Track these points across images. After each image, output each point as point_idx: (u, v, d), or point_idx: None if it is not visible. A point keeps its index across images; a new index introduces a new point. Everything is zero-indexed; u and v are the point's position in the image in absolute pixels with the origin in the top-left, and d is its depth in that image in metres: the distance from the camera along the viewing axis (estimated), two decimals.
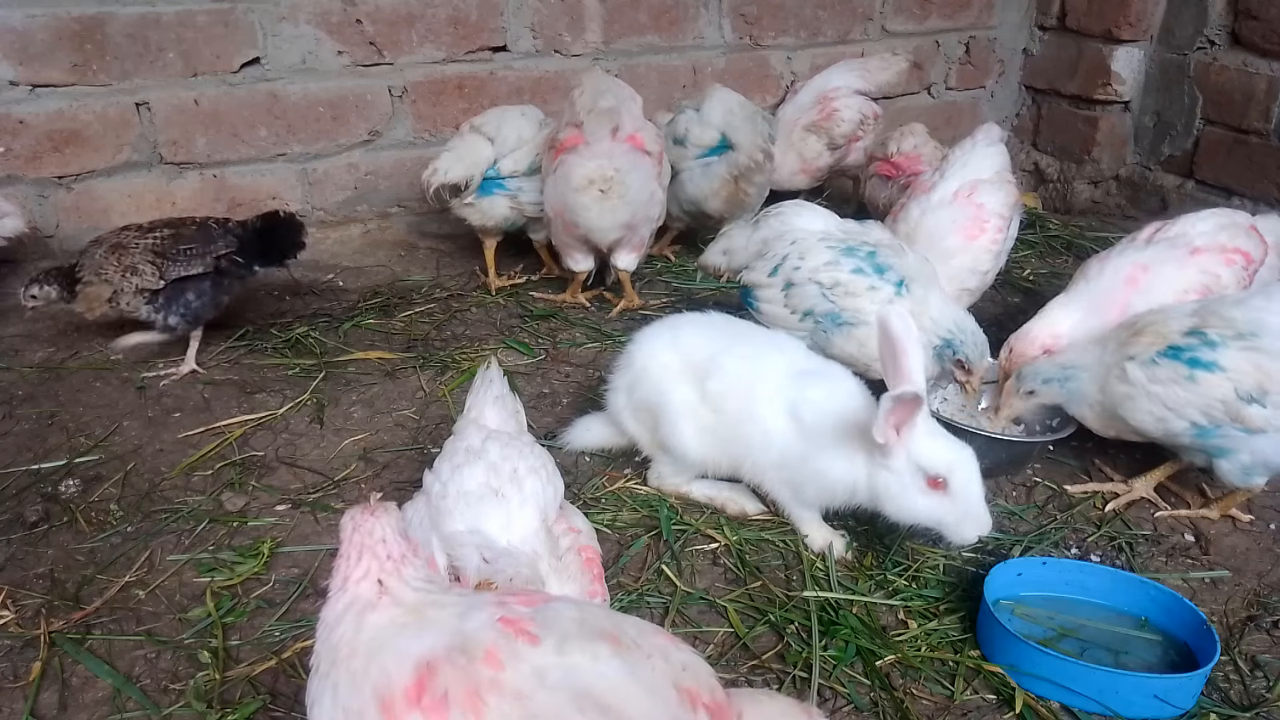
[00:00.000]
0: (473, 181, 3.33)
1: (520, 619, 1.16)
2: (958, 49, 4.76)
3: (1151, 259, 2.71)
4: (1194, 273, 2.66)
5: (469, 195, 3.37)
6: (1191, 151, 4.30)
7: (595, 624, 1.19)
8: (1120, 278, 2.70)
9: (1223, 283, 2.64)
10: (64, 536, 2.25)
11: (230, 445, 2.60)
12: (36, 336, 3.12)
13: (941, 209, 2.97)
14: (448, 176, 3.30)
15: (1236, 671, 1.99)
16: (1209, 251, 2.69)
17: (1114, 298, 2.67)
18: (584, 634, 1.15)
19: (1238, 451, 2.25)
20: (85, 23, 3.29)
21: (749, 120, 3.40)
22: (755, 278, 2.68)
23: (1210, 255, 2.69)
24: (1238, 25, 4.04)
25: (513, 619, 1.16)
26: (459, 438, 1.80)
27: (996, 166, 3.07)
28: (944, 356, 2.57)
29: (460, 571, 1.54)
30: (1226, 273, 2.66)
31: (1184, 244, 2.72)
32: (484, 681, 1.09)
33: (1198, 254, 2.69)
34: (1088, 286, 2.73)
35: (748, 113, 3.41)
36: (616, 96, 3.03)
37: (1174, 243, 2.74)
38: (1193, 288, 2.64)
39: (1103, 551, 2.34)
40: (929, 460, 1.98)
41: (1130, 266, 2.71)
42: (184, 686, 1.86)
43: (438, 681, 1.10)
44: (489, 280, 3.54)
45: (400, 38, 3.71)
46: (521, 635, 1.14)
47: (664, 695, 1.16)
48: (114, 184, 3.52)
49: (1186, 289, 2.64)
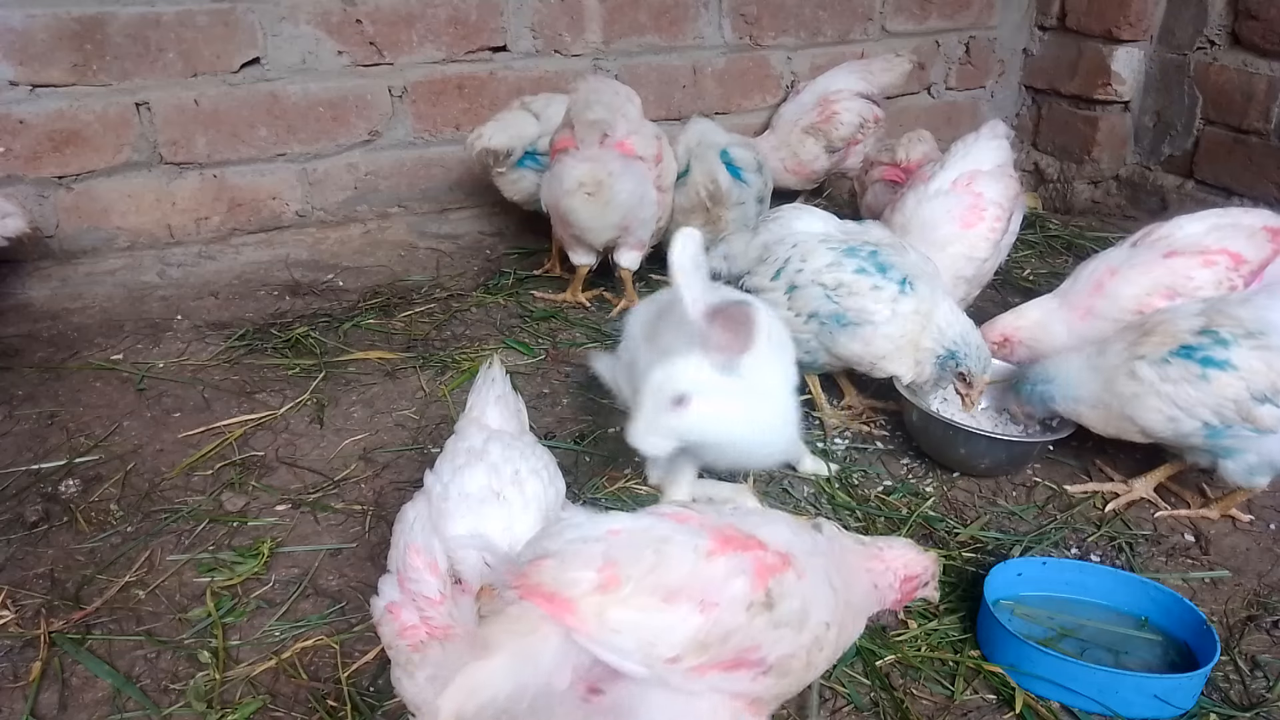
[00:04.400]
0: (514, 153, 3.48)
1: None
2: (958, 49, 4.76)
3: (1122, 262, 2.75)
4: (1161, 274, 2.67)
5: (505, 165, 3.52)
6: (1191, 151, 4.30)
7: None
8: (1091, 281, 2.76)
9: (1195, 285, 2.64)
10: (64, 536, 2.25)
11: (230, 445, 2.60)
12: (36, 336, 3.12)
13: (938, 198, 2.96)
14: (491, 142, 3.44)
15: (1236, 671, 1.99)
16: (1185, 255, 2.69)
17: (1080, 300, 2.75)
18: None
19: (1245, 452, 2.25)
20: (85, 23, 3.29)
21: (706, 152, 3.38)
22: (758, 283, 2.68)
23: (1185, 259, 2.69)
24: (1238, 25, 4.04)
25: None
26: (460, 438, 1.79)
27: (998, 160, 3.06)
28: (946, 366, 2.58)
29: (462, 575, 1.54)
30: (1203, 275, 2.66)
31: (1163, 247, 2.73)
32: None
33: (1171, 257, 2.70)
34: (1065, 287, 2.82)
35: (707, 145, 3.40)
36: (608, 106, 3.04)
37: (1155, 245, 2.75)
38: (1156, 290, 2.65)
39: (1103, 551, 2.34)
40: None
41: (1103, 269, 2.76)
42: (184, 686, 1.86)
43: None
44: (572, 294, 3.51)
45: (400, 38, 3.71)
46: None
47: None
48: (114, 184, 3.52)
49: (1149, 291, 2.65)
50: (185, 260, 3.64)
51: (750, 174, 3.41)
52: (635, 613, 1.25)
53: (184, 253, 3.66)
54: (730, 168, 3.35)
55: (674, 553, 1.29)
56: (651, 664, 1.26)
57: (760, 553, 1.35)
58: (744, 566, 1.32)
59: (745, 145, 3.50)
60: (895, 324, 2.53)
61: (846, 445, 2.73)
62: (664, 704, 1.29)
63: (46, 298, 3.37)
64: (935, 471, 2.62)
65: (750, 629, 1.30)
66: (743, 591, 1.31)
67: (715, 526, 1.37)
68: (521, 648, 1.23)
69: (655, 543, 1.30)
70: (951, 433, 2.55)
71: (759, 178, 3.47)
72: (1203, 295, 2.55)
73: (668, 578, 1.27)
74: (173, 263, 3.61)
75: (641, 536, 1.31)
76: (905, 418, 2.73)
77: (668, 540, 1.31)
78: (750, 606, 1.30)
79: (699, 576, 1.29)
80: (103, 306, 3.34)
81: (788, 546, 1.41)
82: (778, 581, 1.34)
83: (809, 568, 1.41)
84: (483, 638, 1.25)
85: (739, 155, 3.40)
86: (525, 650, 1.23)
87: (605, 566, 1.26)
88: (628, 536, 1.31)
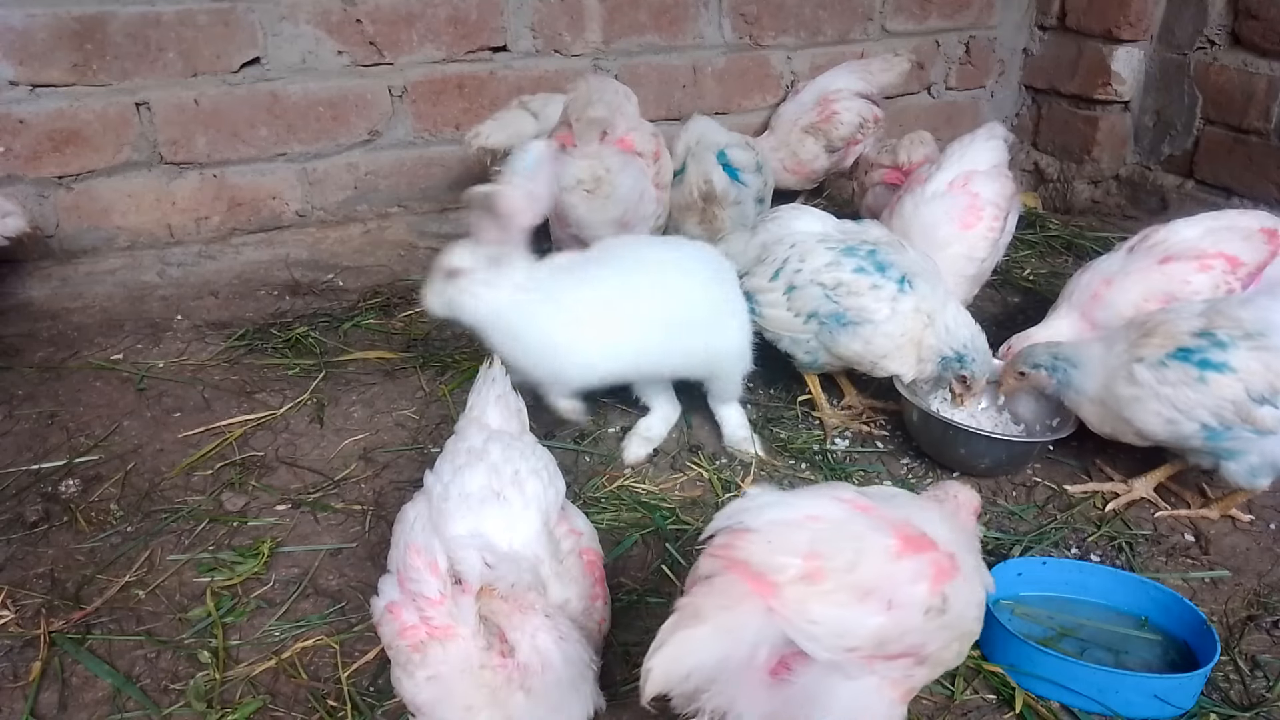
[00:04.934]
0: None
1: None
2: (958, 49, 4.76)
3: (1117, 270, 2.76)
4: (1156, 279, 2.68)
5: (503, 164, 3.46)
6: (1191, 151, 4.30)
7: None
8: (1089, 291, 2.77)
9: (1192, 289, 2.65)
10: (64, 536, 2.25)
11: (230, 445, 2.60)
12: (36, 336, 3.12)
13: (936, 200, 2.97)
14: (488, 141, 3.43)
15: (1236, 671, 1.99)
16: (1181, 260, 2.69)
17: (1086, 311, 2.76)
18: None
19: (1247, 453, 2.25)
20: (85, 22, 3.28)
21: (703, 152, 3.37)
22: (756, 283, 2.68)
23: (1181, 263, 2.69)
24: (1238, 25, 4.03)
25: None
26: (460, 438, 1.80)
27: (993, 160, 3.07)
28: (950, 367, 2.58)
29: (462, 575, 1.54)
30: (1200, 279, 2.66)
31: (1159, 252, 2.74)
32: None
33: (1167, 262, 2.70)
34: (1076, 298, 2.81)
35: (705, 145, 3.39)
36: (608, 105, 3.04)
37: (1150, 251, 2.76)
38: (1153, 296, 2.65)
39: (1103, 551, 2.34)
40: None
41: (1098, 279, 2.77)
42: (184, 686, 1.86)
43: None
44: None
45: (400, 37, 3.71)
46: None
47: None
48: (114, 184, 3.52)
49: (1146, 297, 2.66)
50: (185, 260, 3.64)
51: (748, 174, 3.40)
52: (833, 608, 1.35)
53: (184, 252, 3.65)
54: (728, 168, 3.34)
55: (869, 552, 1.40)
56: (835, 652, 1.36)
57: (934, 554, 1.45)
58: (924, 571, 1.43)
59: (744, 146, 3.49)
60: (895, 322, 2.54)
61: (846, 445, 2.73)
62: (838, 687, 1.40)
63: (46, 297, 3.37)
64: (935, 471, 2.62)
65: (923, 629, 1.42)
66: (922, 596, 1.41)
67: (895, 523, 1.47)
68: (728, 619, 1.31)
69: (853, 539, 1.42)
70: (951, 433, 2.55)
71: (757, 178, 3.46)
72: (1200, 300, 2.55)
73: (863, 577, 1.38)
74: (173, 262, 3.61)
75: (840, 530, 1.43)
76: (905, 418, 2.73)
77: (863, 538, 1.42)
78: (928, 611, 1.42)
79: (888, 578, 1.40)
80: (103, 306, 3.33)
81: (951, 544, 1.50)
82: (952, 587, 1.45)
83: (964, 564, 1.51)
84: (693, 606, 1.32)
85: (736, 156, 3.38)
86: (731, 622, 1.31)
87: (810, 556, 1.36)
88: (828, 528, 1.42)
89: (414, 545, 1.61)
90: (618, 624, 1.93)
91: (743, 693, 1.38)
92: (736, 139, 3.49)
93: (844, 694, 1.40)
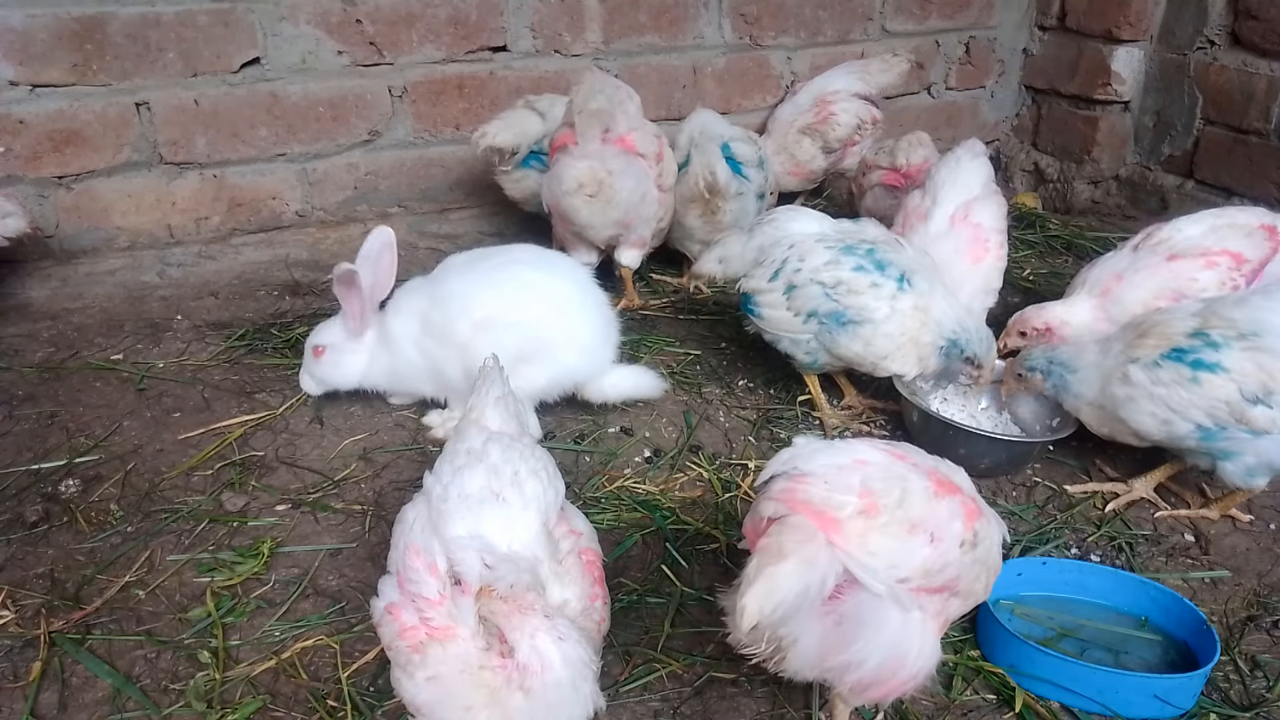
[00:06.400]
0: (519, 151, 3.47)
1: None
2: (958, 49, 4.76)
3: (1126, 267, 2.77)
4: (1165, 277, 2.69)
5: (509, 164, 3.51)
6: (1191, 151, 4.30)
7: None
8: (1099, 285, 2.78)
9: (1199, 286, 2.65)
10: (64, 536, 2.25)
11: (230, 445, 2.60)
12: (36, 336, 3.12)
13: (941, 240, 2.92)
14: (495, 140, 3.42)
15: (1236, 671, 1.99)
16: (1187, 257, 2.70)
17: (1099, 299, 2.77)
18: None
19: (1242, 454, 2.25)
20: (85, 23, 3.29)
21: (707, 143, 3.36)
22: (755, 284, 2.68)
23: (1188, 261, 2.70)
24: (1238, 25, 4.04)
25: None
26: (460, 439, 1.79)
27: (983, 179, 3.05)
28: (951, 355, 2.58)
29: (461, 576, 1.54)
30: (1206, 276, 2.68)
31: (1164, 250, 2.75)
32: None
33: (1174, 260, 2.71)
34: (1084, 286, 2.83)
35: (709, 137, 3.39)
36: (610, 98, 3.03)
37: (1156, 249, 2.76)
38: (1163, 293, 2.66)
39: (1103, 551, 2.34)
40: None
41: (1109, 275, 2.78)
42: (184, 686, 1.86)
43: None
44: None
45: (400, 38, 3.71)
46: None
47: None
48: (114, 184, 3.52)
49: (1157, 295, 2.66)
50: (185, 260, 3.64)
51: (751, 169, 3.40)
52: (888, 539, 1.49)
53: (184, 253, 3.66)
54: (731, 162, 3.34)
55: (913, 491, 1.55)
56: (888, 583, 1.49)
57: (962, 496, 1.61)
58: (958, 510, 1.58)
59: (748, 140, 3.49)
60: (895, 321, 2.54)
61: None
62: (889, 616, 1.52)
63: (46, 298, 3.37)
64: None
65: (960, 562, 1.56)
66: (959, 531, 1.56)
67: (928, 468, 1.63)
68: (807, 553, 1.44)
69: (898, 479, 1.56)
70: (951, 433, 2.55)
71: (760, 173, 3.46)
72: (1207, 296, 2.55)
73: (911, 513, 1.52)
74: (173, 263, 3.61)
75: (887, 471, 1.57)
76: (905, 418, 2.73)
77: (906, 479, 1.57)
78: (963, 545, 1.56)
79: (931, 514, 1.54)
80: (103, 306, 3.33)
81: (972, 492, 1.67)
82: (981, 524, 1.61)
83: (984, 508, 1.66)
84: (775, 544, 1.45)
85: (740, 150, 3.39)
86: (809, 555, 1.44)
87: (865, 494, 1.51)
88: (875, 469, 1.56)
89: (413, 546, 1.61)
90: (617, 624, 1.94)
91: (808, 622, 1.51)
92: (740, 133, 3.48)
93: (894, 621, 1.53)
